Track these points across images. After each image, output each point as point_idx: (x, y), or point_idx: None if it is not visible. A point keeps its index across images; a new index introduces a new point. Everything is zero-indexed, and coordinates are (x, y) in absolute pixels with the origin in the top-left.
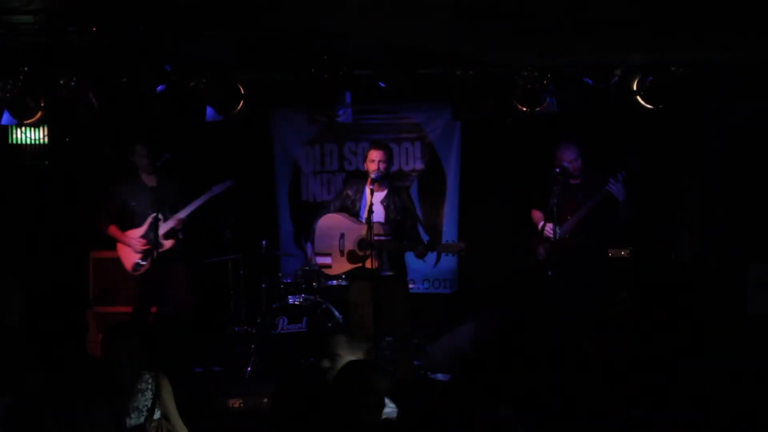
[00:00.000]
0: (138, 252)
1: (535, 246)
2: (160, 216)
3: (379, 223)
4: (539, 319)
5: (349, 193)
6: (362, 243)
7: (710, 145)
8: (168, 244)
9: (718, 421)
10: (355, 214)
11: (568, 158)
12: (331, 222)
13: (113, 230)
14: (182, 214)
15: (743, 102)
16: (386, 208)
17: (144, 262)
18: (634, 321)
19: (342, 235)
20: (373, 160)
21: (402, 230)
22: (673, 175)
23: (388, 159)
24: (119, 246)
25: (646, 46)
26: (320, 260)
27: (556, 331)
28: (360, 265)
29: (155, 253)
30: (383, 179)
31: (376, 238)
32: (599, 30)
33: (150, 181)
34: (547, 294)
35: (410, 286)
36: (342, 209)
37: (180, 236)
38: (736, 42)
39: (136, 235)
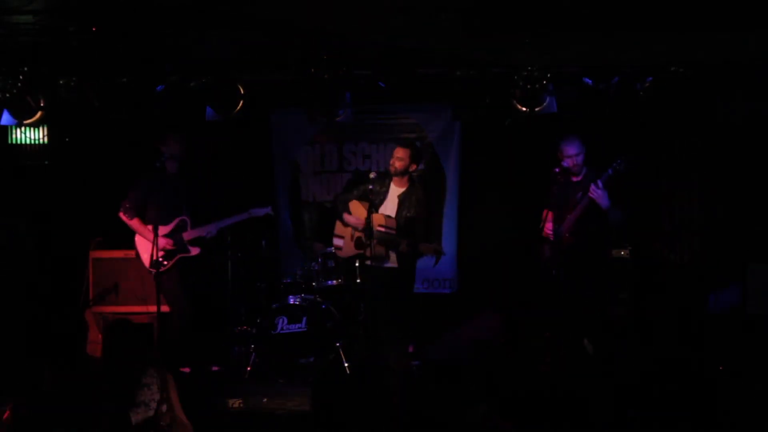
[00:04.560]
0: (161, 250)
1: (540, 245)
2: (186, 219)
3: (388, 216)
4: (540, 318)
5: (372, 187)
6: (366, 230)
7: (710, 145)
8: (194, 251)
9: (718, 421)
10: (374, 206)
11: (570, 153)
12: (351, 207)
13: (136, 222)
14: (214, 228)
15: (743, 102)
16: (401, 203)
17: (166, 263)
18: (634, 321)
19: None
20: (398, 158)
21: (411, 227)
22: (673, 175)
23: (410, 157)
24: (137, 238)
25: (647, 46)
26: (336, 241)
27: (559, 329)
28: (362, 251)
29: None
30: (403, 175)
31: (380, 228)
32: (599, 30)
33: (176, 176)
34: (550, 292)
35: None
36: (361, 197)
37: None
38: (736, 42)
39: (160, 232)
